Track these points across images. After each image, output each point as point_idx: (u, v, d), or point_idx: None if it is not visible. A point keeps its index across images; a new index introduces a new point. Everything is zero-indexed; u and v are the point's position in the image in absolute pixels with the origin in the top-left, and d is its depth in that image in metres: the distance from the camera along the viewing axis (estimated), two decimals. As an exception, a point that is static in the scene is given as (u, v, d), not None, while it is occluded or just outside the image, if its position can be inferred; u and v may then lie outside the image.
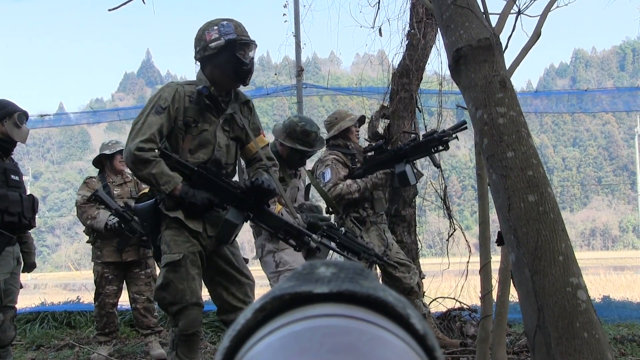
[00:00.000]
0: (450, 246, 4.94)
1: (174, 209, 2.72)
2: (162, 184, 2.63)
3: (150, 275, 4.71)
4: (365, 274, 0.39)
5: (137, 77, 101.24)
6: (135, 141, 2.63)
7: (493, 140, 1.83)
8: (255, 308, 0.38)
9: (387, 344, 0.34)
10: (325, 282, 0.38)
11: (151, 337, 4.69)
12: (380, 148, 4.27)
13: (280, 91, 6.63)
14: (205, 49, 2.75)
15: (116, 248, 4.55)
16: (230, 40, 2.71)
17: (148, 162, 2.62)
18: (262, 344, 0.35)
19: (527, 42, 2.51)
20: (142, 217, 2.84)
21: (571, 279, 1.65)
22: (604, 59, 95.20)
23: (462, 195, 57.77)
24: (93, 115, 8.83)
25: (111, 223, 4.46)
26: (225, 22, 2.76)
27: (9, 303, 3.65)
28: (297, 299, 0.37)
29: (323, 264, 0.40)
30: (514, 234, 1.74)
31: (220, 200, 2.75)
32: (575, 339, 1.58)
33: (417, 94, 4.94)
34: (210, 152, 2.79)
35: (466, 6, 2.00)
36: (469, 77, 1.93)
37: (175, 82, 2.86)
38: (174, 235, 2.72)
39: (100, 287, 4.61)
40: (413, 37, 4.90)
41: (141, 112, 2.73)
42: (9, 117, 3.61)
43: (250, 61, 2.79)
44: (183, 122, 2.74)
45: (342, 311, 0.36)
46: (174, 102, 2.71)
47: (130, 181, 4.74)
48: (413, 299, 4.33)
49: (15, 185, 3.59)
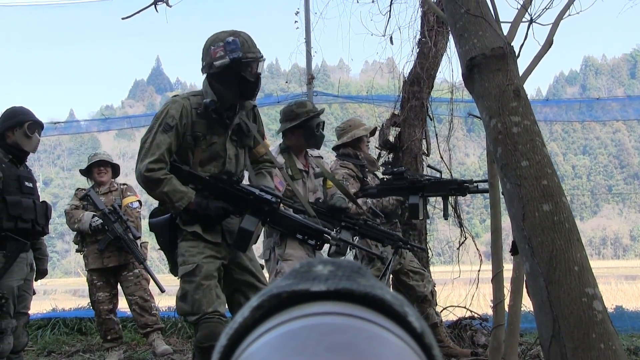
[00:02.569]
0: (460, 254, 4.92)
1: (191, 223, 2.72)
2: (176, 200, 2.64)
3: (139, 275, 4.73)
4: (362, 272, 0.39)
5: (147, 85, 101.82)
6: (144, 162, 2.63)
7: (507, 149, 1.82)
8: (252, 306, 0.38)
9: (385, 342, 0.34)
10: (323, 280, 0.38)
11: (153, 335, 4.70)
12: (401, 175, 4.18)
13: (290, 99, 6.64)
14: (211, 66, 2.72)
15: (98, 254, 4.59)
16: (235, 59, 2.66)
17: (160, 182, 2.63)
18: (259, 342, 0.35)
19: (539, 51, 2.51)
20: (158, 232, 2.83)
21: (587, 289, 1.64)
22: (614, 67, 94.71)
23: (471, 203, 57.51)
24: (103, 123, 8.88)
25: (95, 224, 4.52)
26: (231, 39, 2.68)
27: (22, 309, 3.67)
28: (294, 297, 0.37)
29: (320, 262, 0.40)
30: (529, 243, 1.74)
31: (235, 208, 2.74)
32: (591, 350, 1.57)
33: (427, 102, 4.94)
34: (221, 165, 2.80)
35: (480, 15, 2.00)
36: (482, 86, 1.93)
37: (180, 96, 2.81)
38: (189, 246, 2.72)
39: (92, 294, 4.66)
40: (424, 45, 4.90)
41: (149, 129, 2.71)
42: (19, 126, 3.62)
43: (257, 77, 2.75)
44: (192, 137, 2.72)
45: (339, 309, 0.36)
46: (182, 118, 2.69)
47: (115, 190, 4.82)
48: (426, 307, 4.30)
49: (29, 192, 3.62)
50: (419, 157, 4.85)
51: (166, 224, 2.79)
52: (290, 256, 3.43)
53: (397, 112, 4.96)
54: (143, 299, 4.71)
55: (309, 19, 5.93)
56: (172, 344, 5.31)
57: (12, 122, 3.62)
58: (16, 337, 3.61)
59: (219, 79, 2.74)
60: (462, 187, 4.11)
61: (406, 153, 4.81)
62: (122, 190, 4.86)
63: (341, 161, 4.25)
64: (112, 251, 4.59)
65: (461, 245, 4.81)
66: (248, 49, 2.71)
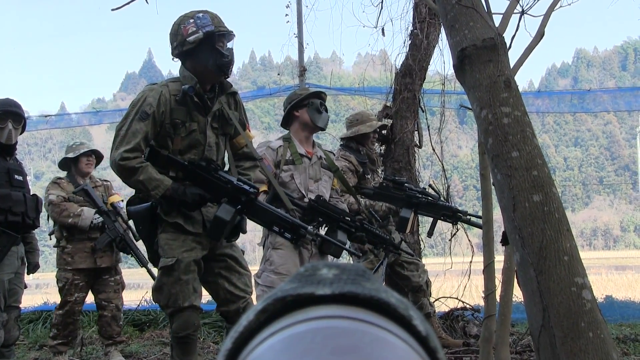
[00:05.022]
0: (452, 246, 4.95)
1: (172, 213, 2.70)
2: (152, 189, 2.61)
3: (119, 282, 4.51)
4: (367, 276, 0.39)
5: (139, 77, 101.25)
6: (119, 150, 2.59)
7: (498, 140, 1.83)
8: (257, 310, 0.38)
9: (390, 346, 0.35)
10: (328, 284, 0.38)
11: (111, 347, 4.45)
12: (401, 185, 4.15)
13: (283, 91, 6.62)
14: (184, 44, 2.67)
15: (90, 253, 4.28)
16: (208, 32, 2.64)
17: (135, 170, 2.59)
18: (264, 345, 0.35)
19: (530, 42, 2.51)
20: (138, 220, 2.79)
21: (576, 278, 1.65)
22: (605, 59, 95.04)
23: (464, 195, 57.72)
24: (94, 116, 8.82)
25: (96, 222, 4.25)
26: (201, 14, 2.68)
27: (13, 303, 3.66)
28: (299, 301, 0.37)
29: (325, 266, 0.40)
30: (519, 233, 1.75)
31: (212, 195, 2.70)
32: (580, 338, 1.58)
33: (420, 94, 4.94)
34: (200, 153, 2.76)
35: (471, 6, 2.00)
36: (473, 77, 1.93)
37: (158, 83, 2.78)
38: (168, 239, 2.70)
39: (69, 294, 4.28)
40: (416, 37, 4.90)
41: (125, 116, 2.67)
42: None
43: (230, 52, 2.72)
44: (171, 124, 2.68)
45: (344, 313, 0.36)
46: (159, 106, 2.64)
47: (100, 185, 4.55)
48: (420, 297, 4.33)
49: (19, 185, 3.59)
50: (411, 149, 4.86)
51: (146, 214, 2.75)
52: (281, 245, 3.32)
53: (390, 104, 4.97)
54: (117, 308, 4.47)
55: (301, 12, 5.91)
56: (165, 337, 5.31)
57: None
58: (7, 331, 3.60)
59: (194, 56, 2.70)
60: (455, 215, 4.17)
61: (398, 145, 4.81)
62: (107, 187, 4.62)
63: (343, 152, 4.23)
64: (105, 251, 4.34)
65: (453, 236, 4.83)
66: (219, 23, 2.70)
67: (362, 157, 4.26)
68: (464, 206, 56.34)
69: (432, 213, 4.20)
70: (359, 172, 4.20)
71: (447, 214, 4.17)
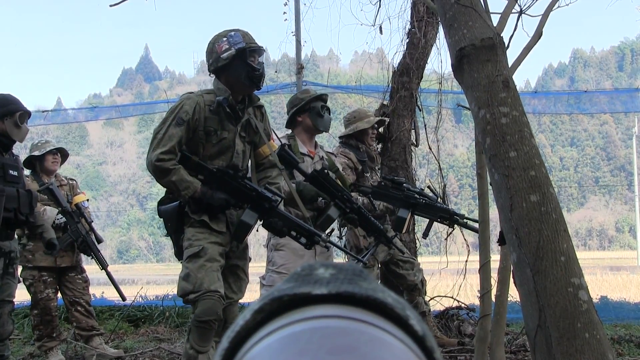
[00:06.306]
0: (447, 245, 4.95)
1: (199, 212, 2.91)
2: (182, 189, 2.83)
3: (86, 280, 4.50)
4: (364, 276, 0.39)
5: (135, 73, 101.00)
6: (156, 152, 2.82)
7: (495, 139, 1.83)
8: (254, 309, 0.38)
9: (386, 345, 0.34)
10: (324, 284, 0.38)
11: (98, 339, 4.44)
12: (400, 185, 4.15)
13: (280, 88, 6.62)
14: (218, 60, 2.93)
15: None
16: (240, 49, 2.90)
17: (169, 171, 2.82)
18: (260, 345, 0.35)
19: (528, 42, 2.51)
20: (167, 218, 3.00)
21: (573, 279, 1.65)
22: (602, 59, 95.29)
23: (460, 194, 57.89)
24: (91, 111, 8.79)
25: (59, 222, 4.23)
26: (233, 33, 2.94)
27: (6, 297, 3.64)
28: (295, 300, 0.37)
29: (322, 265, 0.40)
30: (516, 233, 1.75)
31: (237, 200, 2.91)
32: (576, 339, 1.58)
33: (417, 93, 4.94)
34: (228, 159, 2.99)
35: (469, 5, 2.00)
36: (471, 77, 1.93)
37: (195, 93, 3.01)
38: (196, 232, 2.90)
39: (39, 292, 4.29)
40: (414, 35, 4.90)
41: (162, 120, 2.92)
42: (10, 115, 3.57)
43: (261, 66, 2.97)
44: (204, 132, 2.92)
45: (341, 312, 0.36)
46: (195, 114, 2.88)
47: (65, 184, 4.52)
48: (415, 295, 4.33)
49: (14, 181, 3.57)
50: (407, 148, 4.86)
51: (174, 211, 2.98)
52: (282, 246, 3.48)
53: (386, 102, 4.96)
54: (88, 304, 4.47)
55: (299, 9, 5.90)
56: (160, 333, 5.31)
57: (2, 111, 3.56)
58: (1, 325, 3.59)
59: (228, 71, 2.94)
60: (452, 218, 4.16)
61: (395, 143, 4.81)
62: (72, 186, 4.57)
63: (342, 149, 4.24)
64: (66, 251, 4.31)
65: (449, 235, 4.84)
66: (250, 40, 2.97)
67: (362, 154, 4.26)
68: (460, 205, 56.56)
69: (429, 215, 4.20)
70: (358, 169, 4.21)
71: (444, 216, 4.17)
